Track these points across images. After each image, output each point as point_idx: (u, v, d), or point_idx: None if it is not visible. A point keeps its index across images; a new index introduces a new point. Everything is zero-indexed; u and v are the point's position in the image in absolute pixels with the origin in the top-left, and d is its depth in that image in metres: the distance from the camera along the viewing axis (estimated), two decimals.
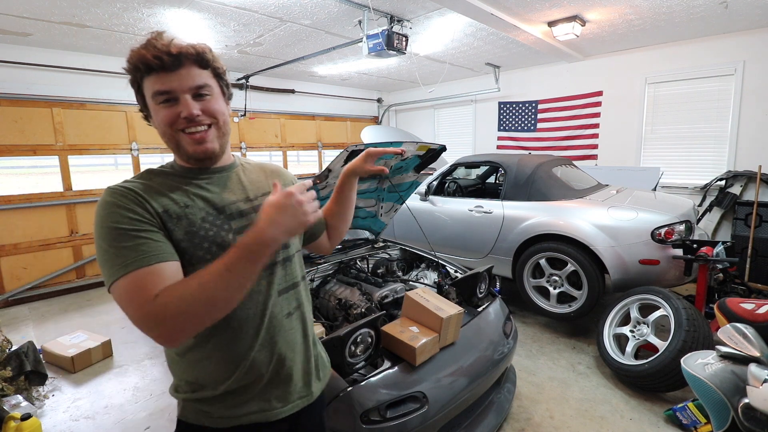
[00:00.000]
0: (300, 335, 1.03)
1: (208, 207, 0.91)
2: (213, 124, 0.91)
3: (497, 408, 2.13)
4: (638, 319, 2.79)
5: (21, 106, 4.36)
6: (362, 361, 1.66)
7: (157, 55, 0.83)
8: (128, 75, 0.88)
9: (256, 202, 0.98)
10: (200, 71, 0.88)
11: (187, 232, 0.86)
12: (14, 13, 3.42)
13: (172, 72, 0.85)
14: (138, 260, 0.78)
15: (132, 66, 0.86)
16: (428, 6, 3.56)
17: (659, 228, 2.96)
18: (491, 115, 6.94)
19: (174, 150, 0.92)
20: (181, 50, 0.85)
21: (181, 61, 0.85)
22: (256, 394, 0.94)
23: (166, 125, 0.87)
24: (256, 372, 0.94)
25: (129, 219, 0.81)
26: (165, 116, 0.86)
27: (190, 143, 0.89)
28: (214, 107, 0.90)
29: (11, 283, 4.41)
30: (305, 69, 6.00)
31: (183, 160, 0.94)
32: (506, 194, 3.67)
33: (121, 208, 0.82)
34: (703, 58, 4.75)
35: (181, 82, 0.85)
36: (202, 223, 0.88)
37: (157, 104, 0.86)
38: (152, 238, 0.82)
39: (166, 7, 3.39)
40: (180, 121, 0.86)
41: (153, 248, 0.81)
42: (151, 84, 0.85)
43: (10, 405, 2.33)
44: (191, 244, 0.86)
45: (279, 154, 7.12)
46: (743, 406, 1.73)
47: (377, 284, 2.44)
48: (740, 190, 4.53)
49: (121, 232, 0.80)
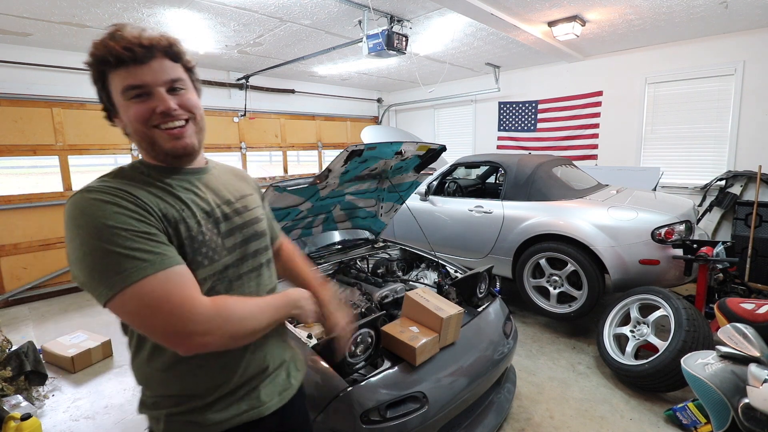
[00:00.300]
0: (279, 331, 1.06)
1: (200, 210, 0.88)
2: (190, 119, 0.86)
3: (497, 408, 2.13)
4: (638, 319, 2.79)
5: (21, 106, 4.36)
6: (362, 361, 1.65)
7: (127, 46, 0.77)
8: (90, 69, 0.81)
9: (237, 205, 0.97)
10: (173, 64, 0.83)
11: (187, 237, 0.83)
12: (14, 13, 3.42)
13: (144, 65, 0.79)
14: (164, 259, 0.73)
15: (98, 58, 0.78)
16: (428, 6, 3.56)
17: (659, 228, 2.96)
18: (491, 115, 6.94)
19: (147, 149, 0.85)
20: (152, 41, 0.79)
21: (153, 53, 0.79)
22: (246, 393, 0.94)
23: (139, 122, 0.80)
24: (250, 373, 0.94)
25: (136, 220, 0.74)
26: (138, 112, 0.80)
27: (168, 139, 0.83)
28: (190, 101, 0.86)
29: (11, 283, 4.41)
30: (305, 69, 6.00)
31: (158, 159, 0.86)
32: (506, 194, 3.67)
33: (123, 209, 0.74)
34: (703, 58, 4.75)
35: (154, 76, 0.80)
36: (198, 228, 0.85)
37: (127, 100, 0.80)
38: (164, 241, 0.76)
39: (166, 7, 3.39)
40: (155, 117, 0.80)
41: (171, 251, 0.76)
42: (121, 78, 0.79)
43: (10, 405, 2.33)
44: (192, 249, 0.83)
45: (279, 154, 7.12)
46: (743, 406, 1.73)
47: (377, 284, 2.44)
48: (740, 190, 4.53)
49: (132, 234, 0.72)
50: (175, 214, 0.82)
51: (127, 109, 0.81)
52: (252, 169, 6.73)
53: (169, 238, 0.80)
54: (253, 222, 0.99)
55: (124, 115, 0.82)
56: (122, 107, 0.81)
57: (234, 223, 0.94)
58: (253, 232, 0.98)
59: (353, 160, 2.21)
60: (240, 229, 0.95)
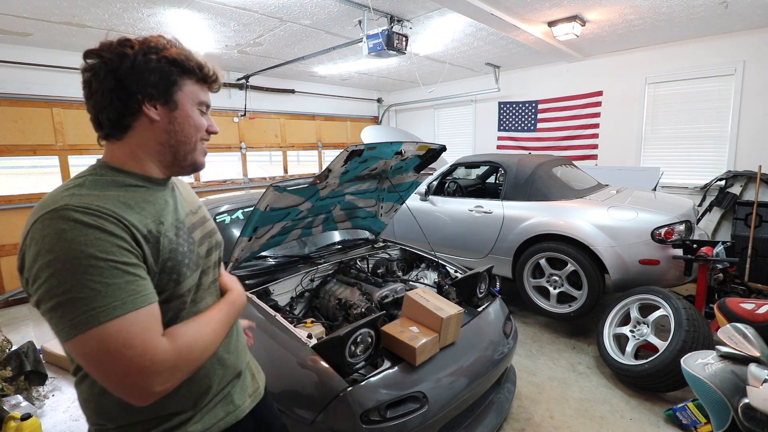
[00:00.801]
0: (238, 333, 1.08)
1: (176, 221, 0.88)
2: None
3: (497, 408, 2.13)
4: (638, 319, 2.79)
5: (21, 106, 4.37)
6: (362, 361, 1.65)
7: (216, 76, 0.93)
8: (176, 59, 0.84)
9: (199, 215, 1.00)
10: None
11: (171, 251, 0.82)
12: (14, 13, 3.42)
13: (210, 92, 0.94)
14: (137, 299, 0.69)
15: (196, 65, 0.88)
16: (428, 6, 3.56)
17: (659, 228, 2.96)
18: (491, 115, 6.94)
19: (180, 153, 0.88)
20: (221, 81, 0.96)
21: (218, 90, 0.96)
22: (220, 400, 0.95)
23: (196, 131, 0.90)
24: (226, 380, 0.97)
25: (118, 248, 0.69)
26: (200, 123, 0.90)
27: (203, 152, 0.94)
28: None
29: (11, 283, 4.41)
30: (305, 69, 6.00)
31: (169, 165, 0.88)
32: (506, 194, 3.67)
33: (106, 234, 0.69)
34: (703, 58, 4.75)
35: (209, 103, 0.94)
36: (177, 239, 0.85)
37: (197, 109, 0.90)
38: (141, 274, 0.72)
39: (166, 7, 3.39)
40: (204, 134, 0.92)
41: (142, 286, 0.71)
42: (198, 91, 0.89)
43: (10, 405, 2.33)
44: (176, 262, 0.82)
45: (279, 154, 7.12)
46: (743, 406, 1.73)
47: (377, 284, 2.44)
48: (740, 190, 4.53)
49: (110, 265, 0.67)
50: (155, 228, 0.79)
51: (192, 115, 0.88)
52: (252, 169, 6.73)
53: (152, 258, 0.77)
54: (213, 232, 1.03)
55: (181, 117, 0.86)
56: (188, 110, 0.87)
57: (204, 230, 0.98)
58: (215, 242, 1.02)
59: (353, 160, 2.20)
60: (206, 238, 0.98)
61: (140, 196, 0.82)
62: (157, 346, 0.70)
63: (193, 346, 0.77)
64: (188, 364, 0.76)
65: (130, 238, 0.73)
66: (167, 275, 0.80)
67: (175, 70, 0.84)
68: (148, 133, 0.84)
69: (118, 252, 0.69)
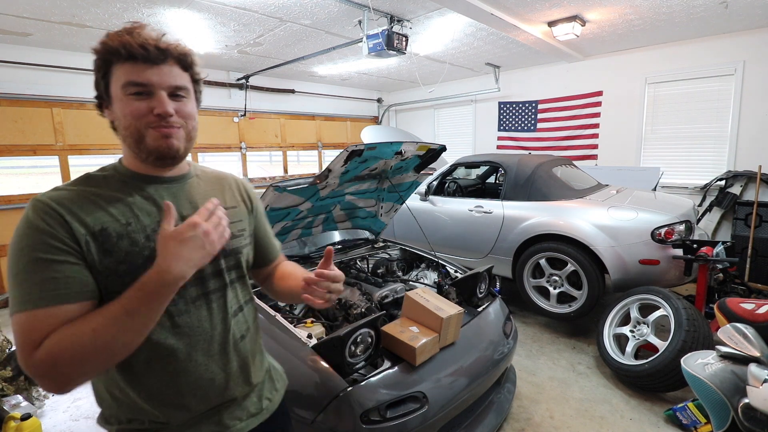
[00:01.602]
0: (251, 353, 0.99)
1: (154, 223, 0.82)
2: (182, 127, 0.85)
3: (497, 408, 2.13)
4: (638, 319, 2.79)
5: (21, 106, 4.37)
6: (362, 361, 1.65)
7: (143, 44, 0.78)
8: (96, 56, 0.80)
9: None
10: (181, 72, 0.84)
11: (128, 253, 0.78)
12: (14, 13, 3.42)
13: (154, 66, 0.79)
14: (38, 299, 0.70)
15: (109, 48, 0.78)
16: (428, 6, 3.56)
17: (659, 228, 2.96)
18: (491, 115, 6.94)
19: (132, 145, 0.82)
20: (168, 46, 0.81)
21: (166, 58, 0.81)
22: (206, 417, 0.91)
23: (134, 117, 0.79)
24: (214, 390, 0.91)
25: (46, 246, 0.72)
26: (135, 108, 0.79)
27: (156, 137, 0.81)
28: (188, 109, 0.86)
29: None
30: (305, 69, 6.00)
31: (139, 158, 0.84)
32: (506, 194, 3.67)
33: (39, 231, 0.73)
34: (703, 58, 4.75)
35: (161, 78, 0.80)
36: (145, 242, 0.80)
37: (126, 95, 0.79)
38: (64, 272, 0.72)
39: (166, 7, 3.39)
40: (150, 117, 0.80)
41: (61, 285, 0.72)
42: (126, 72, 0.78)
43: (10, 405, 2.32)
44: (132, 266, 0.78)
45: (279, 154, 7.12)
46: (743, 406, 1.73)
47: (377, 284, 2.44)
48: (740, 190, 4.53)
49: (32, 260, 0.71)
50: (117, 227, 0.78)
51: (124, 103, 0.80)
52: (252, 170, 6.73)
53: (101, 256, 0.76)
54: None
55: (118, 108, 0.81)
56: (119, 100, 0.80)
57: None
58: (221, 249, 0.88)
59: (353, 160, 2.21)
60: None
61: (117, 194, 0.82)
62: (33, 348, 0.69)
63: (58, 352, 0.68)
64: (59, 369, 0.69)
65: (67, 236, 0.74)
66: (119, 278, 0.77)
67: (102, 62, 0.80)
68: (119, 133, 0.84)
69: (45, 248, 0.72)
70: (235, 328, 0.94)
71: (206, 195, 0.94)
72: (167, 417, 0.86)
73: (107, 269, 0.77)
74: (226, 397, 0.92)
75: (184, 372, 0.85)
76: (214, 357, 0.90)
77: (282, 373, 1.16)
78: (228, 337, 0.92)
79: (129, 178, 0.85)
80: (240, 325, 0.96)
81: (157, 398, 0.84)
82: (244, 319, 0.98)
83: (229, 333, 0.92)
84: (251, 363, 0.98)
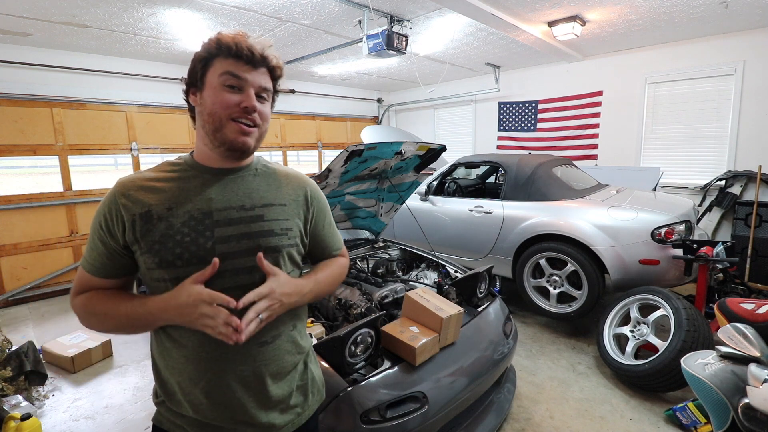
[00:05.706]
0: (286, 360, 1.00)
1: (194, 211, 0.90)
2: (258, 127, 0.94)
3: (497, 408, 2.13)
4: (638, 319, 2.79)
5: (21, 106, 4.36)
6: (362, 361, 1.65)
7: (249, 47, 0.89)
8: (203, 49, 0.90)
9: (252, 212, 0.94)
10: (269, 79, 0.95)
11: (162, 235, 0.88)
12: (14, 13, 3.42)
13: (252, 68, 0.90)
14: (84, 262, 0.94)
15: (222, 43, 0.88)
16: (428, 6, 3.56)
17: (659, 228, 2.96)
18: (491, 115, 6.94)
19: (210, 132, 0.91)
20: (268, 56, 0.92)
21: (262, 64, 0.92)
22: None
23: (221, 107, 0.88)
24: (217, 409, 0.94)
25: (98, 225, 0.91)
26: (225, 99, 0.88)
27: (235, 131, 0.90)
28: (267, 111, 0.96)
29: (11, 283, 4.41)
30: (305, 69, 6.00)
31: (212, 145, 0.92)
32: (506, 194, 3.67)
33: (99, 212, 0.91)
34: (703, 58, 4.75)
35: (254, 78, 0.91)
36: (180, 227, 0.88)
37: (222, 85, 0.88)
38: (99, 251, 0.92)
39: (166, 7, 3.39)
40: (236, 110, 0.89)
41: (96, 261, 0.92)
42: (227, 65, 0.88)
43: (10, 405, 2.33)
44: (163, 247, 0.88)
45: (279, 154, 7.12)
46: (743, 406, 1.73)
47: (377, 284, 2.44)
48: (740, 190, 4.53)
49: (91, 232, 0.93)
50: (160, 211, 0.89)
51: (216, 92, 0.89)
52: None
53: (139, 232, 0.88)
54: (262, 234, 0.94)
55: (209, 95, 0.89)
56: (212, 88, 0.89)
57: (239, 229, 0.92)
58: (256, 245, 0.92)
59: (353, 160, 2.21)
60: (238, 240, 0.91)
61: (172, 181, 0.93)
62: (73, 295, 0.95)
63: (81, 308, 0.93)
64: (80, 317, 0.93)
65: (116, 217, 0.89)
66: (151, 256, 0.88)
67: (207, 54, 0.90)
68: (198, 120, 0.94)
69: (99, 227, 0.91)
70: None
71: (257, 188, 0.98)
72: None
73: (147, 245, 0.88)
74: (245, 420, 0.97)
75: (214, 362, 0.93)
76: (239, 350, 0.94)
77: (320, 385, 1.13)
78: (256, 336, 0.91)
79: (191, 167, 0.96)
80: (268, 326, 0.94)
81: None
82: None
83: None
84: (281, 363, 0.99)
